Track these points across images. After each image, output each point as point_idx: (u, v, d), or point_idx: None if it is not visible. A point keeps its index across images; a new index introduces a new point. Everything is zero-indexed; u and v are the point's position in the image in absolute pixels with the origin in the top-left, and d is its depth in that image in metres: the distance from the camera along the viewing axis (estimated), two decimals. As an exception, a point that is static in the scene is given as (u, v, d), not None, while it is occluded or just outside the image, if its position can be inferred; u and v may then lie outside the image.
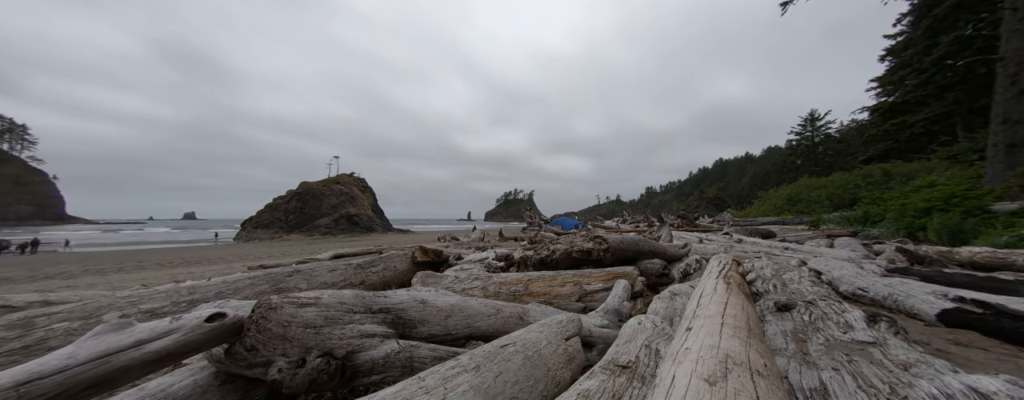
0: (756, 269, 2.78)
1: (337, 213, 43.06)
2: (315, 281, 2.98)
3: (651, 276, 3.35)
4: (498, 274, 3.12)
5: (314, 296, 1.46)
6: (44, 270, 10.40)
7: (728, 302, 1.34)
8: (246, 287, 2.57)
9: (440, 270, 3.97)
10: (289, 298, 1.38)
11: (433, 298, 1.88)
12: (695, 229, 10.74)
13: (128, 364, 1.04)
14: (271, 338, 1.34)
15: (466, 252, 5.03)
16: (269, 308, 1.33)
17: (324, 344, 1.37)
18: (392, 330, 1.62)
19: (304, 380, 1.29)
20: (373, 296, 1.69)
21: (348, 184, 49.22)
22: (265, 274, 2.85)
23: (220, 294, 2.40)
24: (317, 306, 1.44)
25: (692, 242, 5.75)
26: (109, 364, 1.01)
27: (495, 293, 2.63)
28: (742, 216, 18.14)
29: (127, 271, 9.46)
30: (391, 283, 3.60)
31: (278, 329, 1.32)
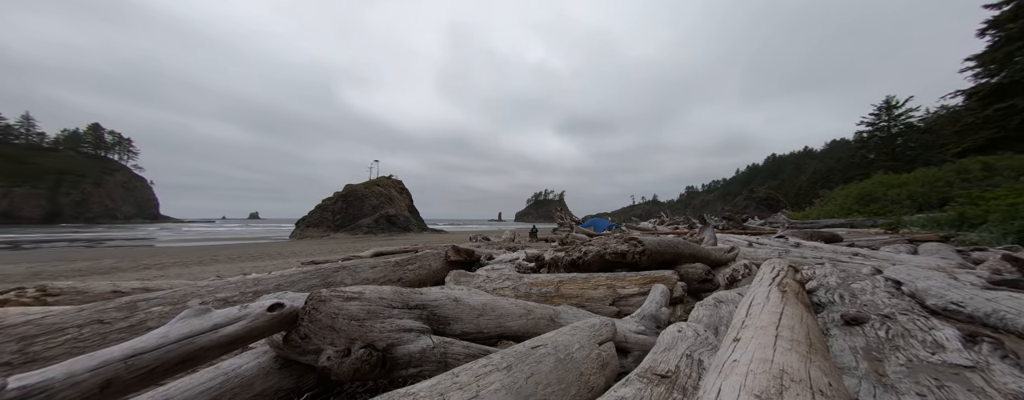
0: (818, 277, 2.49)
1: (377, 213, 45.85)
2: (358, 277, 3.19)
3: (692, 281, 3.14)
4: (529, 275, 3.11)
5: (358, 291, 1.56)
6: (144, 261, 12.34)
7: (783, 312, 1.21)
8: (300, 280, 2.83)
9: (472, 269, 4.05)
10: (336, 292, 1.49)
11: (465, 296, 1.93)
12: (743, 232, 9.88)
13: (207, 345, 1.19)
14: (321, 328, 1.45)
15: (497, 252, 5.09)
16: (319, 301, 1.45)
17: (366, 336, 1.47)
18: (427, 326, 1.68)
19: (350, 368, 1.39)
20: (410, 293, 1.77)
21: (387, 186, 52.19)
22: (316, 269, 3.12)
23: (279, 286, 2.67)
24: (360, 300, 1.54)
25: (740, 246, 5.30)
26: (193, 344, 1.16)
27: (526, 294, 2.62)
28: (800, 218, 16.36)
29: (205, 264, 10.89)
30: (426, 281, 3.75)
31: (327, 320, 1.44)
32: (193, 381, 1.28)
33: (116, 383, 0.98)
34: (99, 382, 0.95)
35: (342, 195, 46.35)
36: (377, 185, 50.75)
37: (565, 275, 2.91)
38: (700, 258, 3.66)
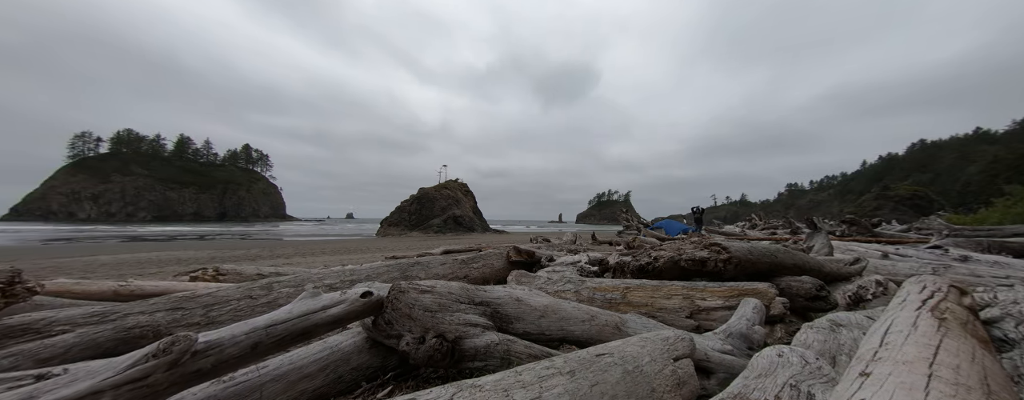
0: (1003, 303, 1.82)
1: (445, 214, 49.69)
2: (430, 272, 3.50)
3: (798, 298, 2.61)
4: (591, 279, 2.99)
5: (430, 285, 1.72)
6: (276, 251, 15.68)
7: (941, 346, 0.92)
8: (384, 272, 3.24)
9: (532, 270, 4.08)
10: (413, 285, 1.66)
11: (527, 297, 1.95)
12: (874, 239, 7.83)
13: (319, 322, 1.45)
14: (401, 316, 1.64)
15: (558, 254, 5.03)
16: (399, 292, 1.64)
17: (438, 327, 1.60)
18: (491, 323, 1.75)
19: (424, 355, 1.53)
20: (475, 289, 1.87)
21: (454, 189, 56.14)
22: (395, 263, 3.53)
23: (368, 277, 3.10)
24: (433, 294, 1.69)
25: (868, 257, 4.21)
26: (308, 320, 1.43)
27: (589, 298, 2.53)
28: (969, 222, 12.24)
29: (315, 255, 13.30)
30: (489, 279, 3.91)
31: (406, 309, 1.61)
32: (309, 350, 1.57)
33: (261, 346, 1.27)
34: (251, 343, 1.23)
35: (416, 197, 51.53)
36: (445, 188, 54.95)
37: (632, 281, 2.71)
38: (808, 270, 3.02)
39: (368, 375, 1.65)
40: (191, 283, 3.57)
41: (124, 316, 1.89)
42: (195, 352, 1.08)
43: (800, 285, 2.67)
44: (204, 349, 1.11)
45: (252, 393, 1.30)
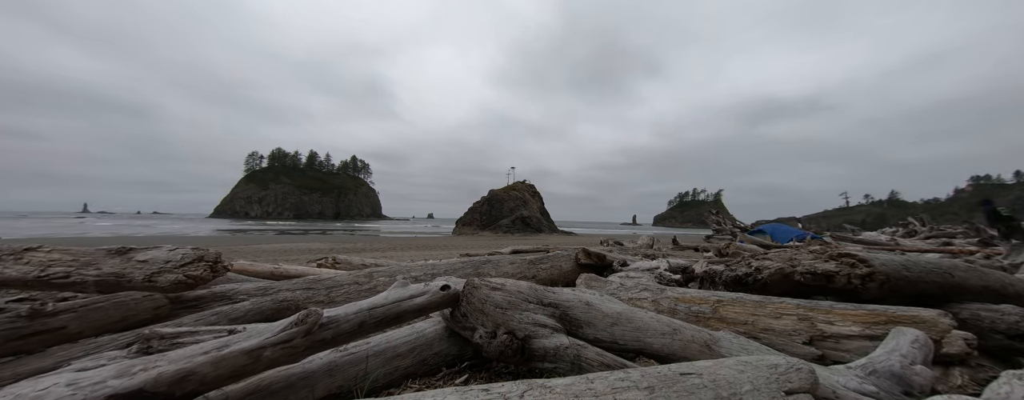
0: None
1: (514, 215, 51.15)
2: (500, 270, 3.65)
3: (992, 334, 1.88)
4: (673, 288, 2.69)
5: (501, 283, 1.79)
6: (374, 245, 18.54)
7: None
8: (459, 268, 3.51)
9: (603, 275, 3.88)
10: (485, 281, 1.75)
11: (598, 302, 1.86)
12: None
13: (408, 308, 1.66)
14: (474, 310, 1.75)
15: (632, 259, 4.67)
16: (473, 287, 1.75)
17: (508, 324, 1.65)
18: (560, 325, 1.73)
19: (495, 350, 1.61)
20: (543, 290, 1.88)
21: (522, 190, 57.39)
22: (469, 260, 3.78)
23: (447, 271, 3.41)
24: (503, 291, 1.76)
25: None
26: (400, 307, 1.65)
27: (669, 309, 2.28)
28: None
29: (403, 250, 15.27)
30: (557, 281, 3.86)
31: (478, 304, 1.71)
32: (400, 333, 1.80)
33: (365, 325, 1.51)
34: (358, 322, 1.48)
35: (487, 199, 54.38)
36: (514, 190, 56.58)
37: (725, 294, 2.34)
38: (1010, 296, 2.14)
39: (447, 361, 1.81)
40: (317, 269, 4.47)
41: (277, 291, 2.49)
42: (321, 325, 1.35)
43: (997, 316, 1.92)
44: (327, 323, 1.38)
45: (360, 363, 1.56)
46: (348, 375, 1.51)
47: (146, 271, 2.03)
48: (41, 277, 1.95)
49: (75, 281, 1.96)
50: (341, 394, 1.46)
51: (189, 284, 2.12)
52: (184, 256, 2.15)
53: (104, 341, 1.61)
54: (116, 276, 1.99)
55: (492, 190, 56.73)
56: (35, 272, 1.96)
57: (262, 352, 1.22)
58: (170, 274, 2.05)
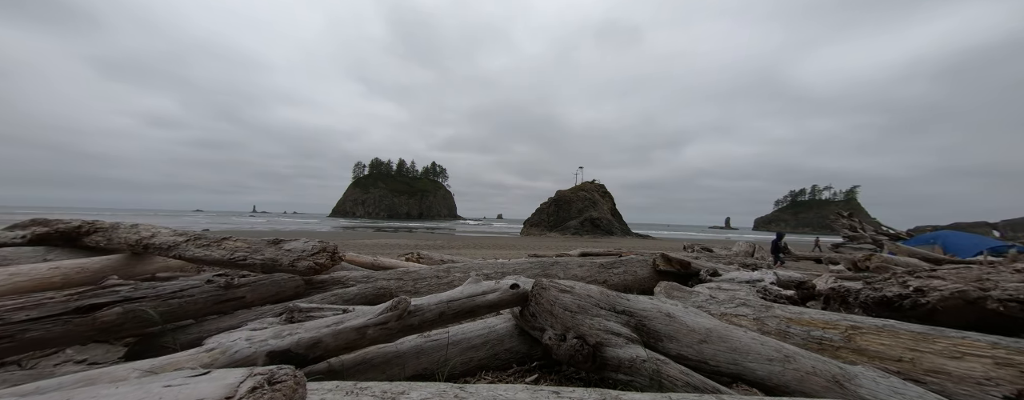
0: None
1: (582, 216, 49.52)
2: (569, 273, 3.58)
3: None
4: (783, 306, 2.22)
5: (570, 285, 1.75)
6: (450, 243, 20.26)
7: None
8: (528, 268, 3.57)
9: (688, 285, 3.44)
10: (554, 283, 1.74)
11: (681, 314, 1.67)
12: None
13: (481, 303, 1.76)
14: (542, 311, 1.75)
15: (725, 268, 4.03)
16: (541, 288, 1.76)
17: (578, 328, 1.61)
18: (636, 336, 1.60)
19: (565, 353, 1.58)
20: (616, 296, 1.77)
21: (590, 191, 55.20)
22: (537, 261, 3.81)
23: (515, 271, 3.50)
24: (572, 294, 1.72)
25: None
26: (473, 302, 1.76)
27: (778, 331, 1.89)
28: None
29: (475, 248, 16.30)
30: (631, 287, 3.59)
31: (547, 305, 1.71)
32: (474, 326, 1.92)
33: (444, 315, 1.66)
34: (439, 312, 1.64)
35: (554, 199, 53.95)
36: (582, 190, 54.81)
37: (864, 319, 1.83)
38: None
39: (518, 358, 1.85)
40: (405, 262, 5.10)
41: (376, 280, 2.93)
42: (410, 311, 1.54)
43: None
44: (414, 310, 1.56)
45: (441, 350, 1.72)
46: (432, 359, 1.68)
47: (290, 258, 2.62)
48: (231, 259, 2.70)
49: (249, 263, 2.66)
50: (426, 375, 1.63)
51: (317, 270, 2.65)
52: (313, 247, 2.71)
53: (265, 309, 2.15)
54: (273, 261, 2.63)
55: (559, 191, 56.01)
56: (228, 255, 2.72)
57: (367, 330, 1.45)
58: (305, 261, 2.60)
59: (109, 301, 1.60)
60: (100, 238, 3.06)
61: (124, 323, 1.64)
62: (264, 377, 0.67)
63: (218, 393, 0.61)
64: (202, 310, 1.95)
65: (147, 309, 1.68)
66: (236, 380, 0.65)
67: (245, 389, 0.63)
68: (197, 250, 2.77)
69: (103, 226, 3.14)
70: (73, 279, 2.50)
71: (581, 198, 52.87)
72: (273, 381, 0.67)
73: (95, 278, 2.62)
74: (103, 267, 2.76)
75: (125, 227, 3.10)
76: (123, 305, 1.63)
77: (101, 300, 1.59)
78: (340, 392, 1.09)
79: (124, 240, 2.97)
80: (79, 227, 3.14)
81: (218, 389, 0.62)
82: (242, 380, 0.65)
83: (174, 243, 2.86)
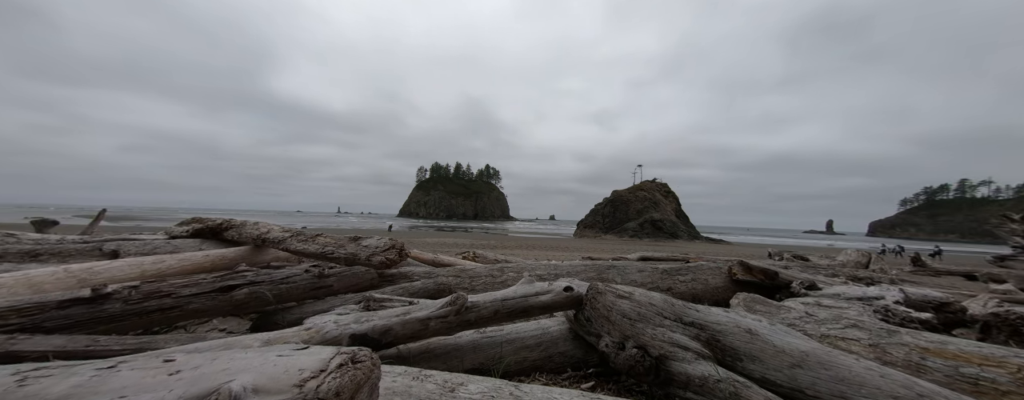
0: None
1: (642, 218, 46.18)
2: (627, 278, 3.37)
3: None
4: (914, 332, 1.77)
5: (628, 291, 1.65)
6: (503, 243, 20.76)
7: None
8: (582, 271, 3.46)
9: (774, 298, 2.96)
10: (610, 288, 1.66)
11: (767, 332, 1.44)
12: None
13: (534, 304, 1.77)
14: (598, 316, 1.68)
15: (826, 280, 3.36)
16: (597, 292, 1.69)
17: (638, 337, 1.50)
18: (707, 351, 1.43)
19: (624, 363, 1.49)
20: (683, 306, 1.61)
21: (651, 190, 51.21)
22: (592, 264, 3.67)
23: (569, 273, 3.43)
24: (631, 300, 1.61)
25: None
26: (527, 302, 1.78)
27: (907, 363, 1.51)
28: None
29: (528, 249, 16.40)
30: (700, 297, 3.22)
31: (603, 311, 1.64)
32: (528, 326, 1.93)
33: (499, 314, 1.70)
34: (494, 310, 1.69)
35: (609, 200, 51.39)
36: (641, 190, 51.18)
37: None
38: None
39: (573, 363, 1.81)
40: (462, 260, 5.38)
41: (437, 276, 3.15)
42: (467, 307, 1.61)
43: None
44: (471, 306, 1.64)
45: (496, 347, 1.77)
46: (487, 355, 1.74)
47: (366, 253, 2.98)
48: (322, 253, 3.17)
49: (335, 256, 3.09)
50: (482, 370, 1.70)
51: (388, 264, 2.96)
52: (384, 244, 3.03)
53: (348, 297, 2.47)
54: (353, 255, 3.01)
55: (615, 191, 53.19)
56: (320, 249, 3.20)
57: (429, 322, 1.56)
58: (378, 256, 2.93)
59: (240, 283, 2.02)
60: (234, 233, 3.87)
61: (250, 302, 2.05)
62: (348, 356, 0.77)
63: (315, 365, 0.73)
64: (302, 295, 2.32)
65: (265, 292, 2.08)
66: (328, 356, 0.76)
67: (334, 365, 0.74)
68: (298, 244, 3.32)
69: (235, 223, 3.96)
70: (218, 265, 3.21)
71: (640, 198, 49.43)
72: (355, 360, 0.77)
73: (231, 265, 3.32)
74: (236, 256, 3.48)
75: (250, 224, 3.86)
76: (249, 288, 2.03)
77: (234, 282, 2.00)
78: (408, 376, 1.20)
79: (249, 235, 3.71)
80: (220, 224, 4.02)
81: (315, 362, 0.74)
82: (332, 357, 0.76)
83: (282, 238, 3.47)
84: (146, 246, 3.50)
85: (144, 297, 1.72)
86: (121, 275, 2.41)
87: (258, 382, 0.68)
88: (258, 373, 0.70)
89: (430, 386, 1.15)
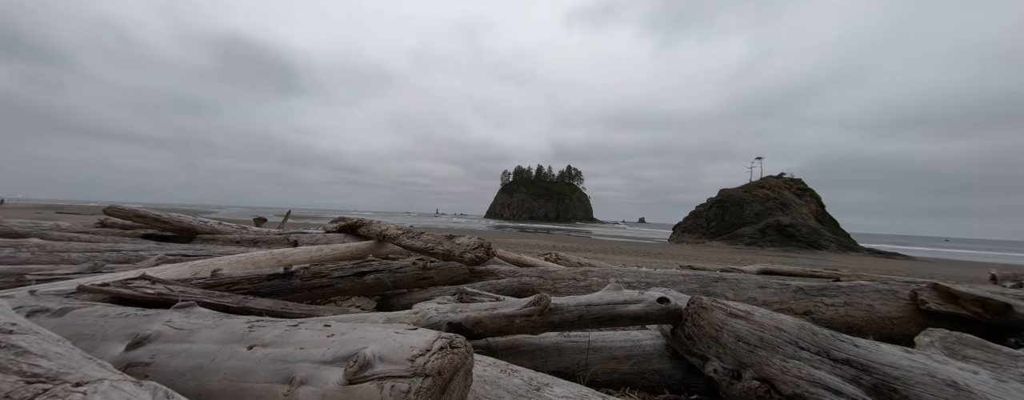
0: None
1: (762, 222, 37.70)
2: (742, 294, 2.80)
3: None
4: None
5: (745, 309, 1.37)
6: (585, 246, 20.02)
7: None
8: (680, 282, 3.05)
9: (1002, 341, 2.00)
10: (719, 303, 1.42)
11: (990, 392, 0.99)
12: None
13: (621, 313, 1.65)
14: (704, 335, 1.45)
15: None
16: (701, 307, 1.46)
17: (761, 368, 1.23)
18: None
19: (739, 395, 1.25)
20: (832, 336, 1.24)
21: (776, 188, 41.39)
22: (694, 274, 3.19)
23: (663, 282, 3.07)
24: (748, 321, 1.34)
25: None
26: (614, 310, 1.67)
27: None
28: None
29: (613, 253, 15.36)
30: (859, 328, 2.42)
31: (710, 330, 1.40)
32: (616, 336, 1.81)
33: (583, 319, 1.65)
34: (578, 314, 1.65)
35: (716, 200, 43.77)
36: (761, 188, 41.96)
37: None
38: None
39: (670, 385, 1.61)
40: (545, 262, 5.42)
41: (521, 276, 3.26)
42: (551, 309, 1.62)
43: None
44: (555, 308, 1.64)
45: (581, 353, 1.72)
46: (572, 360, 1.71)
47: (460, 250, 3.31)
48: (425, 248, 3.67)
49: (435, 252, 3.54)
50: (565, 374, 1.67)
51: (477, 261, 3.22)
52: (474, 243, 3.31)
53: (445, 288, 2.79)
54: (449, 251, 3.39)
55: (725, 190, 45.15)
56: (423, 245, 3.72)
57: (514, 319, 1.63)
58: (469, 253, 3.22)
59: (369, 270, 2.51)
60: (365, 230, 4.85)
61: (375, 285, 2.53)
62: (447, 341, 0.87)
63: (422, 345, 0.85)
64: (411, 283, 2.74)
65: (385, 279, 2.53)
66: (432, 338, 0.88)
67: (437, 346, 0.84)
68: (407, 240, 3.93)
69: (367, 222, 4.96)
70: (355, 254, 4.08)
71: (760, 197, 40.67)
72: (453, 345, 0.87)
73: (363, 255, 4.17)
74: (367, 248, 4.35)
75: (375, 223, 4.77)
76: (374, 274, 2.51)
77: (365, 269, 2.50)
78: (496, 368, 1.27)
79: (374, 231, 4.59)
80: (356, 222, 5.08)
81: (422, 342, 0.86)
82: (435, 339, 0.87)
83: (396, 235, 4.16)
84: (313, 238, 4.70)
85: (311, 276, 2.32)
86: (299, 258, 3.31)
87: (382, 352, 0.84)
88: (382, 344, 0.86)
89: (517, 381, 1.20)
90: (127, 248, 3.36)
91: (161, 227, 4.91)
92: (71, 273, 2.31)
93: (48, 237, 3.94)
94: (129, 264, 2.85)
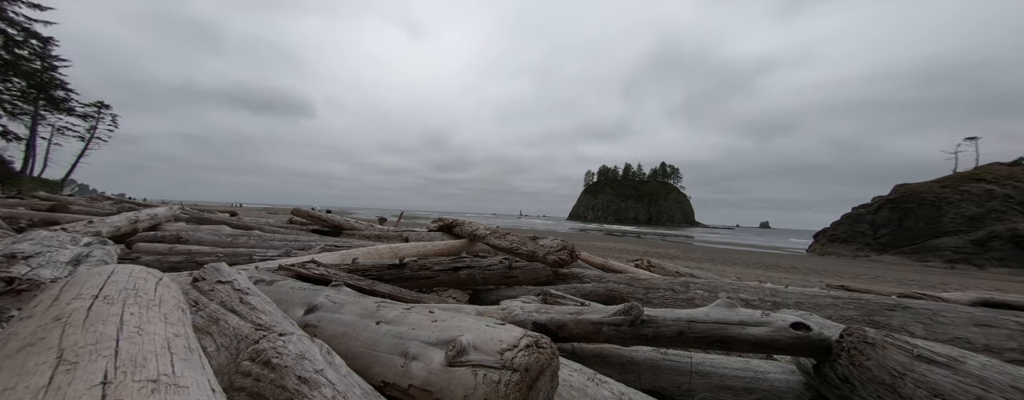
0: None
1: (979, 231, 25.76)
2: (941, 332, 1.97)
3: None
4: None
5: (949, 355, 0.97)
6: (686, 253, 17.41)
7: None
8: (828, 306, 2.35)
9: None
10: (898, 341, 1.04)
11: None
12: None
13: (736, 335, 1.38)
14: (870, 380, 1.08)
15: None
16: (865, 342, 1.10)
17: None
18: None
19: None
20: None
21: (1005, 181, 27.84)
22: (851, 297, 2.41)
23: (799, 304, 2.42)
24: (955, 372, 0.93)
25: None
26: (725, 331, 1.41)
27: None
28: None
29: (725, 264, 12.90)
30: None
31: (883, 375, 1.04)
32: (731, 362, 1.52)
33: (684, 336, 1.45)
34: (677, 330, 1.45)
35: (889, 200, 32.16)
36: (977, 181, 28.97)
37: None
38: None
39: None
40: (635, 268, 4.98)
41: (607, 281, 3.08)
42: (643, 320, 1.48)
43: None
44: (648, 319, 1.49)
45: (683, 376, 1.51)
46: (669, 381, 1.52)
47: (543, 251, 3.35)
48: (510, 248, 3.85)
49: (520, 252, 3.67)
50: (661, 394, 1.49)
51: (560, 264, 3.20)
52: (557, 245, 3.30)
53: (530, 288, 2.86)
54: (532, 252, 3.47)
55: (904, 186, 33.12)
56: (508, 245, 3.91)
57: (602, 326, 1.55)
58: (552, 255, 3.22)
59: (462, 266, 2.78)
60: (459, 229, 5.41)
61: (467, 280, 2.78)
62: (533, 339, 0.90)
63: (510, 340, 0.89)
64: (498, 281, 2.91)
65: (475, 275, 2.76)
66: (519, 335, 0.92)
67: (523, 343, 0.88)
68: (495, 240, 4.19)
69: (461, 222, 5.53)
70: (451, 251, 4.60)
71: (971, 196, 28.37)
72: (539, 345, 0.88)
73: (457, 252, 4.65)
74: (460, 246, 4.84)
75: (467, 223, 5.28)
76: (467, 270, 2.77)
77: (459, 265, 2.78)
78: (583, 375, 1.24)
79: (466, 231, 5.07)
80: (452, 222, 5.72)
81: (509, 337, 0.91)
82: (522, 336, 0.91)
83: (484, 234, 4.50)
84: (419, 235, 5.51)
85: (418, 268, 2.71)
86: (409, 252, 3.92)
87: (475, 342, 0.91)
88: (475, 335, 0.94)
89: (606, 393, 1.14)
90: (304, 239, 4.61)
91: (322, 224, 6.56)
92: (275, 256, 3.29)
93: (263, 230, 5.73)
94: (305, 251, 3.89)
